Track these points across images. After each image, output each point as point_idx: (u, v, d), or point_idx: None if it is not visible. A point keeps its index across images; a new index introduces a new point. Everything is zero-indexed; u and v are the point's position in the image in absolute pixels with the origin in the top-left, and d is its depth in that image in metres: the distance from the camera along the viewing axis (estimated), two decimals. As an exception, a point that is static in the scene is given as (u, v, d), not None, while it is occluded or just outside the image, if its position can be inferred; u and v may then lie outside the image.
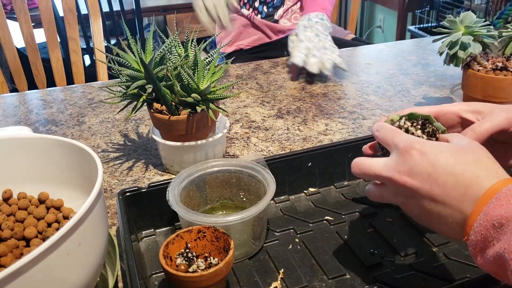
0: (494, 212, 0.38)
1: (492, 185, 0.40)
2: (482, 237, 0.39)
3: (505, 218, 0.37)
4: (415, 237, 0.63)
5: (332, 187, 0.74)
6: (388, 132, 0.49)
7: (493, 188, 0.40)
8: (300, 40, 1.17)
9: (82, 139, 0.94)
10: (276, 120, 0.99)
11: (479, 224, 0.39)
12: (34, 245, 0.51)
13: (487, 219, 0.38)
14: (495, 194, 0.39)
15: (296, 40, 1.18)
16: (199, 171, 0.65)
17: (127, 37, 0.73)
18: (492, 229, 0.38)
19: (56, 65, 1.49)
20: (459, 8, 2.83)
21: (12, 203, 0.56)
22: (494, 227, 0.38)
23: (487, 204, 0.39)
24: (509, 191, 0.38)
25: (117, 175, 0.81)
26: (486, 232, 0.39)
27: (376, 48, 1.45)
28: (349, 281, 0.56)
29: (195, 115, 0.74)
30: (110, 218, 0.70)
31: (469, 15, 0.88)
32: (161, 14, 2.76)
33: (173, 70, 0.72)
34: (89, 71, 1.64)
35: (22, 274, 0.36)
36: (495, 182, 0.40)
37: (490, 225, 0.38)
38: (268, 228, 0.65)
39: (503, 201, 0.38)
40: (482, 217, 0.39)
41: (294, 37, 1.19)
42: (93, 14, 1.49)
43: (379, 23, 3.54)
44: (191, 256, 0.55)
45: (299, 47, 1.15)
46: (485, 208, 0.39)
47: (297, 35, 1.19)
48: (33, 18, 1.49)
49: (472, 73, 0.90)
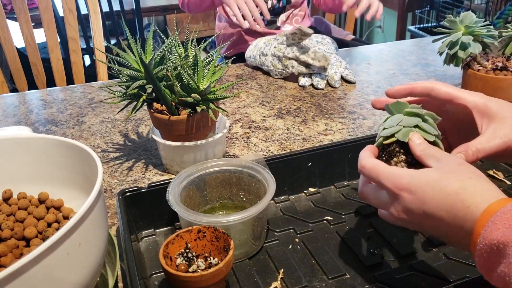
0: (492, 236, 0.38)
1: (484, 210, 0.40)
2: (485, 259, 0.39)
3: (502, 242, 0.37)
4: (415, 237, 0.63)
5: (332, 187, 0.74)
6: (371, 171, 0.49)
7: (488, 210, 0.40)
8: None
9: (82, 139, 0.94)
10: (276, 120, 0.99)
11: (480, 248, 0.40)
12: (34, 245, 0.51)
13: (486, 243, 0.39)
14: (491, 216, 0.39)
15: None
16: (199, 171, 0.65)
17: (127, 37, 0.73)
18: (492, 253, 0.38)
19: (56, 65, 1.49)
20: (459, 8, 2.83)
21: (12, 203, 0.56)
22: (493, 250, 0.38)
23: (484, 228, 0.39)
24: (504, 214, 0.39)
25: (117, 175, 0.81)
26: (488, 255, 0.39)
27: (376, 48, 1.45)
28: (349, 281, 0.56)
29: (195, 115, 0.74)
30: (110, 218, 0.70)
31: (469, 15, 0.88)
32: (161, 14, 2.76)
33: (173, 70, 0.72)
34: (89, 71, 1.64)
35: (22, 274, 0.36)
36: (487, 206, 0.40)
37: (489, 249, 0.38)
38: (268, 228, 0.65)
39: (499, 224, 0.38)
40: (481, 241, 0.39)
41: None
42: (93, 14, 1.49)
43: (379, 23, 3.53)
44: (191, 256, 0.55)
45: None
46: (483, 232, 0.39)
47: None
48: (33, 18, 1.49)
49: (472, 73, 0.90)
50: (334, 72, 1.15)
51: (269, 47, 1.17)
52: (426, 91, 0.56)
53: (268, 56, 1.17)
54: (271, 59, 1.16)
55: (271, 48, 1.17)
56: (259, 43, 1.22)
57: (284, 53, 1.12)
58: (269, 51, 1.17)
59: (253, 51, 1.23)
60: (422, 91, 0.56)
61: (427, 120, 0.51)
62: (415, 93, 0.57)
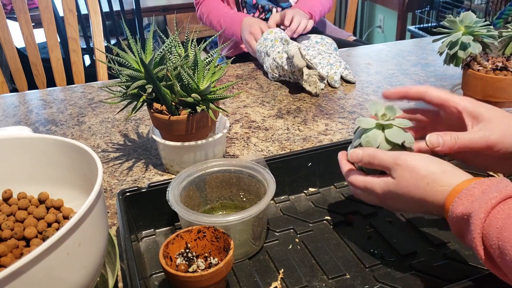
0: (458, 209, 0.47)
1: (452, 189, 0.49)
2: (456, 227, 0.49)
3: (466, 214, 0.46)
4: (415, 237, 0.63)
5: (332, 187, 0.74)
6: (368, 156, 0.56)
7: (455, 189, 0.49)
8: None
9: (82, 139, 0.94)
10: (276, 120, 0.99)
11: (451, 219, 0.48)
12: (34, 245, 0.51)
13: (454, 216, 0.48)
14: (458, 193, 0.48)
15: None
16: (199, 171, 0.65)
17: (127, 37, 0.73)
18: (461, 222, 0.47)
19: (56, 65, 1.49)
20: (459, 8, 2.83)
21: (12, 203, 0.56)
22: (461, 220, 0.47)
23: (452, 203, 0.48)
24: (468, 190, 0.47)
25: (117, 175, 0.81)
26: (458, 224, 0.48)
27: (376, 48, 1.45)
28: (349, 281, 0.56)
29: (195, 115, 0.74)
30: (110, 218, 0.70)
31: (469, 15, 0.88)
32: (161, 14, 2.75)
33: (173, 70, 0.72)
34: (89, 71, 1.64)
35: (22, 274, 0.36)
36: (455, 186, 0.49)
37: (458, 219, 0.47)
38: (268, 228, 0.65)
39: (464, 200, 0.47)
40: (451, 214, 0.48)
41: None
42: (93, 14, 1.49)
43: (379, 23, 3.53)
44: (191, 256, 0.55)
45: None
46: (451, 206, 0.48)
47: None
48: (33, 18, 1.49)
49: (472, 73, 0.90)
50: (334, 72, 1.15)
51: (273, 50, 1.17)
52: (420, 95, 0.60)
53: (270, 58, 1.17)
54: (271, 61, 1.16)
55: (274, 52, 1.16)
56: (267, 39, 1.20)
57: (284, 63, 1.12)
58: (272, 53, 1.17)
59: (261, 46, 1.22)
60: (416, 94, 0.61)
61: (391, 127, 0.57)
62: (409, 96, 0.61)
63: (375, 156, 0.54)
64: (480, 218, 0.44)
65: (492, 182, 0.47)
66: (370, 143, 0.57)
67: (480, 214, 0.44)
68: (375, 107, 0.59)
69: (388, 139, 0.56)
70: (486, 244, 0.44)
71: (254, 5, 1.47)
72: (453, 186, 0.49)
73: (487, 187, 0.46)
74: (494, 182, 0.47)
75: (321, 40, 1.25)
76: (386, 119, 0.57)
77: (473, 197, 0.46)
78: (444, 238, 0.62)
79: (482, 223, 0.44)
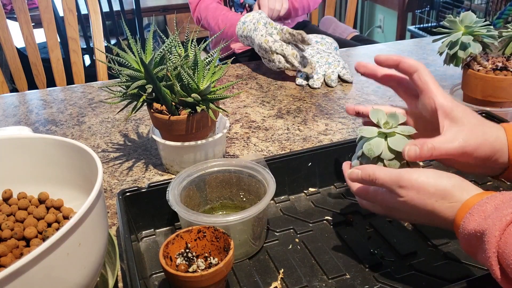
0: (470, 226, 0.45)
1: (463, 204, 0.48)
2: (468, 245, 0.46)
3: (479, 231, 0.44)
4: (415, 237, 0.63)
5: (332, 187, 0.74)
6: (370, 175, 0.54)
7: (466, 204, 0.47)
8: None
9: (82, 139, 0.94)
10: (276, 120, 0.99)
11: (462, 236, 0.47)
12: (34, 245, 0.51)
13: (466, 232, 0.46)
14: (469, 209, 0.46)
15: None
16: (199, 171, 0.65)
17: (127, 37, 0.73)
18: (473, 239, 0.45)
19: (56, 65, 1.49)
20: (459, 8, 2.83)
21: (12, 203, 0.56)
22: (473, 237, 0.45)
23: (463, 220, 0.46)
24: (480, 206, 0.45)
25: (117, 175, 0.81)
26: (469, 241, 0.46)
27: (376, 48, 1.45)
28: (349, 281, 0.56)
29: (195, 115, 0.74)
30: (110, 218, 0.70)
31: (469, 15, 0.88)
32: (161, 14, 2.76)
33: (173, 70, 0.72)
34: (89, 71, 1.64)
35: (22, 274, 0.36)
36: (466, 200, 0.47)
37: (470, 236, 0.45)
38: (268, 228, 0.65)
39: (476, 216, 0.45)
40: (462, 230, 0.46)
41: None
42: (93, 14, 1.49)
43: (379, 23, 3.53)
44: (191, 256, 0.55)
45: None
46: (462, 223, 0.46)
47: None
48: (33, 18, 1.49)
49: (472, 73, 0.90)
50: (331, 71, 1.15)
51: (257, 34, 1.14)
52: (410, 71, 0.58)
53: (255, 45, 1.16)
54: (257, 48, 1.15)
55: (258, 36, 1.13)
56: (247, 22, 1.17)
57: (272, 47, 1.10)
58: (256, 38, 1.14)
59: (243, 31, 1.19)
60: (407, 68, 0.58)
61: (394, 135, 0.56)
62: (400, 68, 0.59)
63: (376, 178, 0.52)
64: (495, 236, 0.42)
65: (505, 197, 0.45)
66: (373, 152, 0.55)
67: (495, 232, 0.42)
68: (377, 115, 0.57)
69: (391, 147, 0.55)
70: (502, 263, 0.42)
71: (241, 4, 1.47)
72: (463, 201, 0.47)
73: (501, 202, 0.44)
74: (508, 197, 0.45)
75: (321, 40, 1.25)
76: (388, 127, 0.56)
77: (486, 213, 0.44)
78: (444, 238, 0.62)
79: (497, 241, 0.42)
